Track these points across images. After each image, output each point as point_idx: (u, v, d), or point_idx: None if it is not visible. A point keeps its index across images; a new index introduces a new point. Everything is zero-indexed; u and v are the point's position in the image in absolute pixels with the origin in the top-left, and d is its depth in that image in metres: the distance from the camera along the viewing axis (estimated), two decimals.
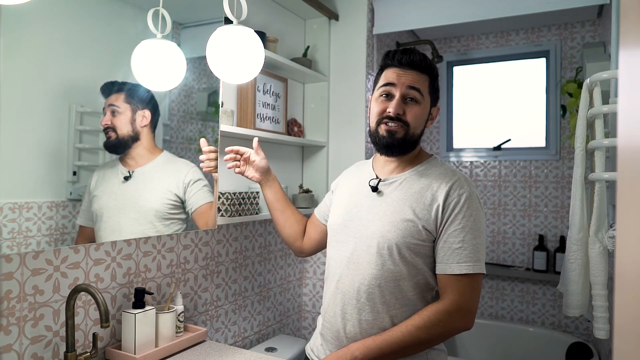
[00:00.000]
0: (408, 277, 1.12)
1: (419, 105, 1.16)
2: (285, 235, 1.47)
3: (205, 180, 1.47)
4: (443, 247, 1.10)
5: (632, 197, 0.31)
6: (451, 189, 1.12)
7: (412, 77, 1.15)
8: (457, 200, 1.11)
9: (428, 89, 1.18)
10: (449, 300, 1.08)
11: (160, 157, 1.36)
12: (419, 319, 1.08)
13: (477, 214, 1.12)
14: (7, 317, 1.06)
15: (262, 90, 1.89)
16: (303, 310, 2.30)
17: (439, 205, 1.11)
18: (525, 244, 2.65)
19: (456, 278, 1.09)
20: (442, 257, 1.11)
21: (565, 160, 2.57)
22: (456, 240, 1.09)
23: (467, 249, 1.08)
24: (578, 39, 2.56)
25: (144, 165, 1.31)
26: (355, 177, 1.31)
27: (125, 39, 1.24)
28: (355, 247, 1.17)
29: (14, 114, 1.00)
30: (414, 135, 1.17)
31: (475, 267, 1.08)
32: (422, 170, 1.19)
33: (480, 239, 1.11)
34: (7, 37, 0.97)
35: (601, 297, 1.39)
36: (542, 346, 2.39)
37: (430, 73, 1.18)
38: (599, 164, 1.38)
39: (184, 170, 1.43)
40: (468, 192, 1.12)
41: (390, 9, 2.20)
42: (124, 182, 1.26)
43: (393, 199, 1.16)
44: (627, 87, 0.33)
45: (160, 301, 1.47)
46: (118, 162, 1.26)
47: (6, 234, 0.99)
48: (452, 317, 1.08)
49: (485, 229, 1.16)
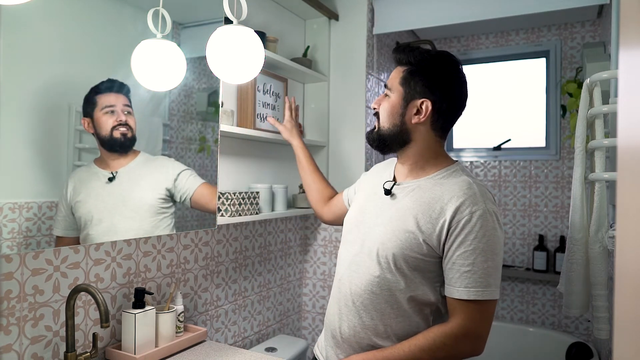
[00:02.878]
0: (405, 290, 1.07)
1: (388, 100, 1.16)
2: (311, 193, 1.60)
3: (190, 169, 1.47)
4: (452, 268, 1.03)
5: (632, 197, 0.31)
6: (462, 205, 1.03)
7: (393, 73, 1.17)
8: (469, 219, 1.01)
9: (400, 81, 1.14)
10: (457, 324, 1.02)
11: (138, 157, 1.33)
12: (423, 340, 1.03)
13: (491, 234, 1.02)
14: (7, 317, 1.06)
15: (262, 90, 1.89)
16: (303, 310, 2.30)
17: (445, 221, 1.03)
18: (525, 244, 2.65)
19: (465, 303, 1.02)
20: (450, 279, 1.03)
21: (565, 160, 2.57)
22: (465, 263, 1.01)
23: (477, 272, 1.01)
24: (578, 39, 2.56)
25: (125, 165, 1.29)
26: (378, 175, 1.27)
27: (125, 39, 1.24)
28: (360, 249, 1.15)
29: (14, 113, 1.00)
30: (383, 128, 1.16)
31: (485, 294, 1.01)
32: (438, 179, 1.11)
33: (494, 262, 1.02)
34: (7, 37, 0.97)
35: (601, 297, 1.39)
36: (542, 346, 2.38)
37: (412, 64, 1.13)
38: (599, 164, 1.38)
39: (168, 164, 1.42)
40: (482, 209, 1.02)
41: (390, 9, 2.19)
42: (108, 183, 1.23)
43: (401, 206, 1.11)
44: (627, 87, 0.33)
45: (160, 301, 1.47)
46: (93, 165, 1.21)
47: (6, 234, 0.99)
48: (458, 341, 1.02)
49: (502, 249, 1.06)
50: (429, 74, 1.11)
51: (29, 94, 1.03)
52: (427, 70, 1.12)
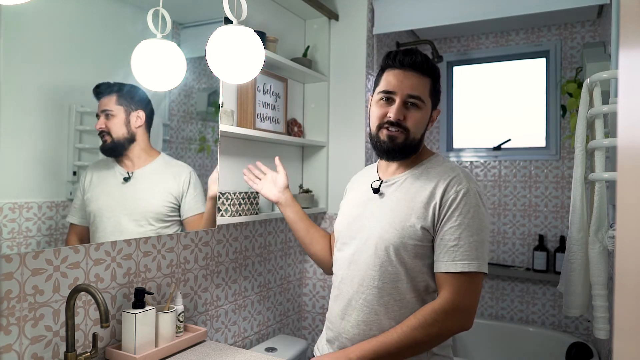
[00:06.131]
0: (406, 280, 1.11)
1: (420, 111, 1.14)
2: (313, 252, 1.43)
3: (200, 186, 1.46)
4: (439, 244, 1.08)
5: (632, 197, 0.31)
6: (448, 186, 1.10)
7: (412, 81, 1.13)
8: (455, 197, 1.08)
9: (429, 93, 1.16)
10: (445, 299, 1.05)
11: (158, 159, 1.35)
12: (414, 320, 1.06)
13: (475, 210, 1.08)
14: (7, 317, 1.06)
15: (262, 90, 1.89)
16: (303, 310, 2.30)
17: (436, 204, 1.09)
18: (525, 244, 2.65)
19: (452, 276, 1.06)
20: (438, 255, 1.09)
21: (565, 160, 2.57)
22: (452, 238, 1.07)
23: (463, 246, 1.06)
24: (578, 39, 2.56)
25: (142, 166, 1.30)
26: (361, 182, 1.31)
27: (125, 39, 1.24)
28: (356, 248, 1.17)
29: (14, 113, 1.00)
30: (414, 140, 1.16)
31: (472, 266, 1.05)
32: (422, 170, 1.18)
33: (479, 236, 1.08)
34: (7, 37, 0.97)
35: (601, 297, 1.39)
36: (542, 346, 2.38)
37: (432, 75, 1.16)
38: (599, 164, 1.38)
39: (183, 174, 1.42)
40: (466, 187, 1.09)
41: (390, 9, 2.20)
42: (123, 183, 1.25)
43: (393, 200, 1.16)
44: (627, 87, 0.33)
45: (160, 301, 1.47)
46: (115, 163, 1.25)
47: (6, 234, 0.99)
48: (448, 316, 1.05)
49: (487, 225, 1.13)
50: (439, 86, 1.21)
51: (29, 94, 1.03)
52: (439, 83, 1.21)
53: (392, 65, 1.16)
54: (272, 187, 1.52)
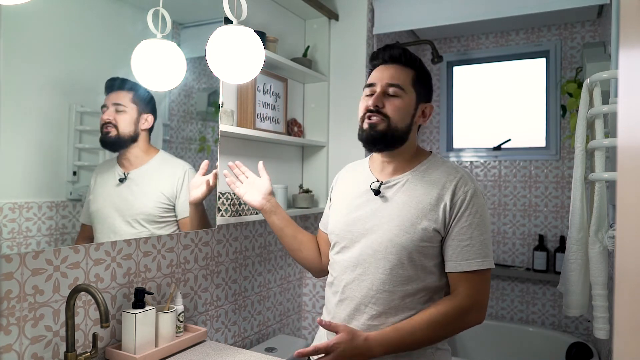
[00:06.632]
0: (417, 281, 1.11)
1: (400, 99, 1.16)
2: (302, 257, 1.40)
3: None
4: (451, 245, 1.11)
5: (632, 197, 0.31)
6: (457, 187, 1.12)
7: (392, 71, 1.17)
8: (464, 198, 1.11)
9: (411, 83, 1.17)
10: (466, 296, 1.09)
11: (156, 157, 1.35)
12: (436, 314, 1.08)
13: (482, 210, 1.13)
14: (7, 317, 1.06)
15: (262, 90, 1.89)
16: (303, 310, 2.30)
17: (446, 204, 1.11)
18: (525, 244, 2.65)
19: (468, 275, 1.10)
20: (451, 255, 1.11)
21: (565, 160, 2.57)
22: (464, 238, 1.10)
23: (476, 245, 1.10)
24: (578, 39, 2.56)
25: (139, 166, 1.30)
26: (352, 180, 1.29)
27: (125, 39, 1.24)
28: (361, 252, 1.15)
29: (14, 113, 1.00)
30: (396, 129, 1.15)
31: (485, 263, 1.10)
32: (423, 170, 1.18)
33: (487, 234, 1.12)
34: (7, 37, 0.97)
35: (601, 297, 1.39)
36: (542, 346, 2.39)
37: (413, 66, 1.19)
38: (599, 164, 1.38)
39: (179, 174, 1.42)
40: (473, 188, 1.13)
41: (390, 9, 2.20)
42: (118, 185, 1.25)
43: (398, 203, 1.14)
44: (627, 87, 0.33)
45: (160, 301, 1.47)
46: (115, 163, 1.25)
47: (6, 234, 0.99)
48: (468, 313, 1.10)
49: (490, 223, 1.18)
50: (428, 80, 1.23)
51: (29, 94, 1.03)
52: (427, 77, 1.23)
53: (375, 62, 1.22)
54: (255, 193, 1.42)
